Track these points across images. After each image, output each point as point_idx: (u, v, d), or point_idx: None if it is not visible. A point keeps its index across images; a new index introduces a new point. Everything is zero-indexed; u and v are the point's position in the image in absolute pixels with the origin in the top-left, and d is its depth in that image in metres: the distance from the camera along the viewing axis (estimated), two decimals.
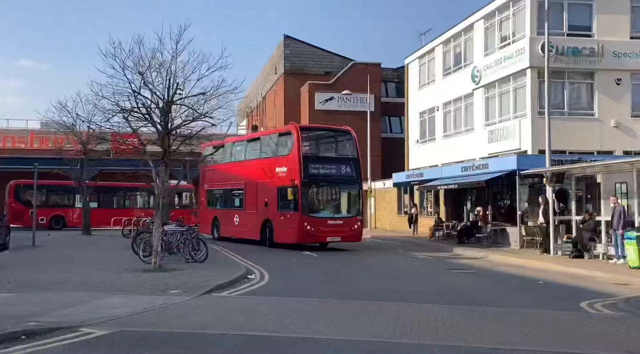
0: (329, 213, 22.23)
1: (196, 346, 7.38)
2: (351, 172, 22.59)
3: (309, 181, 21.42)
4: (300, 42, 48.39)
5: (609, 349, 7.50)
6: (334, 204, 23.08)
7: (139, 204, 37.57)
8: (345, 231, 21.87)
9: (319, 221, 21.43)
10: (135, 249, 16.83)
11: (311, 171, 21.52)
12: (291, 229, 21.46)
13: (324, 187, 22.84)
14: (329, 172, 22.34)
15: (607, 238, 17.98)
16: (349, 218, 22.35)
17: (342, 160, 23.17)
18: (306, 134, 23.72)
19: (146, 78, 15.19)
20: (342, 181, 22.63)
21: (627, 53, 25.26)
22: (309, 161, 21.74)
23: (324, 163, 22.57)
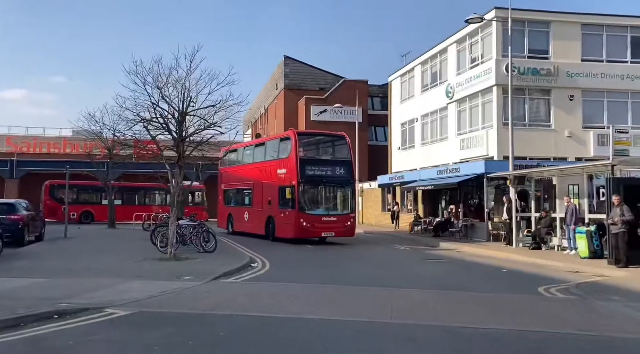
0: (323, 211, 21.42)
1: (206, 324, 7.36)
2: (345, 173, 21.78)
3: (305, 181, 20.73)
4: (298, 62, 48.33)
5: (563, 328, 7.50)
6: (328, 203, 22.10)
7: (157, 202, 37.35)
8: (339, 227, 21.24)
9: (314, 218, 20.80)
10: (154, 240, 16.73)
11: (307, 172, 20.84)
12: (289, 225, 20.89)
13: (319, 187, 21.77)
14: (324, 173, 21.40)
15: (561, 232, 17.99)
16: (342, 215, 21.60)
17: (336, 162, 22.24)
18: (303, 138, 23.19)
19: (163, 92, 15.12)
20: (337, 181, 21.75)
21: (578, 73, 25.33)
22: (305, 163, 21.05)
23: (319, 165, 21.70)
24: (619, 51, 26.08)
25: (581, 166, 18.36)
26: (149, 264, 13.42)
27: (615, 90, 25.66)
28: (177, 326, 7.21)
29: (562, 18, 25.73)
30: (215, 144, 17.95)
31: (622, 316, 8.42)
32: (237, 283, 11.40)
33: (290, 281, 11.52)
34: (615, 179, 14.53)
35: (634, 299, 9.75)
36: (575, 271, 13.74)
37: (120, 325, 7.29)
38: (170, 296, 9.29)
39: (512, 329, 7.37)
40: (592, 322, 7.99)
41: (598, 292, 10.48)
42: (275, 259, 15.76)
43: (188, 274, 11.55)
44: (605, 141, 23.97)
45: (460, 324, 7.60)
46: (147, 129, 15.23)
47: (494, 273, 13.99)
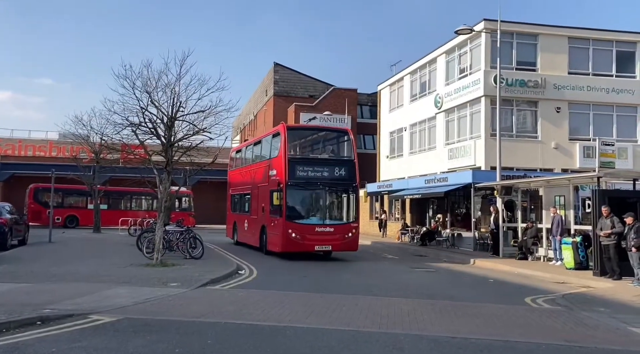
0: (317, 219, 18.13)
1: (193, 332, 7.27)
2: (346, 175, 18.40)
3: (295, 184, 17.54)
4: (288, 69, 48.42)
5: (550, 338, 7.51)
6: (325, 210, 18.68)
7: (143, 207, 37.11)
8: (337, 240, 17.86)
9: (306, 228, 17.56)
10: (140, 246, 16.60)
11: (298, 173, 17.70)
12: (277, 236, 17.81)
13: (312, 191, 18.29)
14: (319, 175, 18.07)
15: (547, 243, 18.14)
16: (342, 225, 18.22)
17: (336, 162, 18.97)
18: (295, 134, 20.21)
19: (153, 97, 15.03)
20: (335, 184, 18.37)
21: (565, 86, 25.64)
22: (295, 163, 17.95)
23: (314, 165, 18.34)
24: (605, 65, 26.46)
25: (567, 177, 18.53)
26: (135, 270, 13.26)
27: (600, 103, 26.01)
28: (164, 334, 7.10)
29: (549, 31, 26.06)
30: (205, 150, 17.83)
31: (608, 327, 8.46)
32: (225, 290, 11.30)
33: (277, 289, 11.43)
34: (601, 190, 14.69)
35: (620, 311, 9.82)
36: (561, 282, 13.83)
37: (105, 332, 7.17)
38: (157, 303, 9.17)
39: (500, 339, 7.36)
40: (579, 333, 8.01)
41: (584, 303, 10.53)
42: (262, 267, 15.65)
43: (175, 281, 11.43)
44: (591, 153, 24.25)
45: (448, 334, 7.59)
46: (135, 134, 15.09)
47: (481, 282, 14.03)
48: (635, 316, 9.36)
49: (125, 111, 15.58)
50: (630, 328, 8.41)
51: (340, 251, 18.40)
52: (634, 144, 25.85)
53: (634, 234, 12.77)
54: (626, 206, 13.90)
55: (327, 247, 17.97)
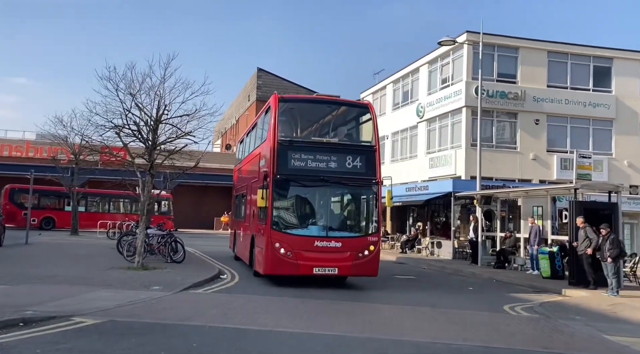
0: (318, 229, 12.52)
1: (178, 335, 7.29)
2: (362, 167, 12.95)
3: (286, 177, 12.38)
4: (271, 75, 48.56)
5: (529, 345, 7.73)
6: (328, 216, 13.09)
7: (123, 210, 36.70)
8: (347, 259, 12.32)
9: (300, 241, 12.23)
10: (120, 249, 16.48)
11: (292, 162, 12.58)
12: (261, 252, 12.82)
13: (311, 188, 12.77)
14: (324, 166, 12.73)
15: (525, 252, 18.50)
16: (353, 238, 12.71)
17: (349, 149, 13.32)
18: (291, 108, 14.10)
19: (136, 99, 14.96)
20: (347, 179, 12.88)
21: (544, 98, 26.23)
22: (287, 147, 12.65)
23: (316, 152, 12.84)
24: (582, 79, 27.17)
25: (545, 188, 18.96)
26: (116, 273, 13.15)
27: (578, 116, 26.68)
28: (148, 336, 7.12)
29: (530, 44, 26.66)
30: (187, 154, 17.76)
31: (584, 335, 8.71)
32: (207, 294, 11.29)
33: (260, 294, 11.47)
34: (577, 202, 15.06)
35: (594, 319, 10.12)
36: (539, 291, 14.13)
37: (89, 334, 7.15)
38: (140, 306, 9.16)
39: (480, 346, 7.54)
40: (557, 340, 8.23)
41: (560, 311, 10.80)
42: (244, 271, 15.64)
43: (157, 284, 11.40)
44: (568, 165, 24.82)
45: (429, 339, 7.75)
46: (119, 136, 15.01)
47: (461, 290, 14.21)
48: (609, 325, 9.65)
49: (108, 113, 15.50)
50: (604, 335, 8.68)
51: (349, 275, 13.06)
52: (609, 157, 26.55)
53: (609, 245, 13.14)
54: (601, 217, 14.30)
55: (332, 269, 12.36)
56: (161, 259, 16.18)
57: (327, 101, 14.11)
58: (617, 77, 27.37)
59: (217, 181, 41.17)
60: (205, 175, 36.26)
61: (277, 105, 13.02)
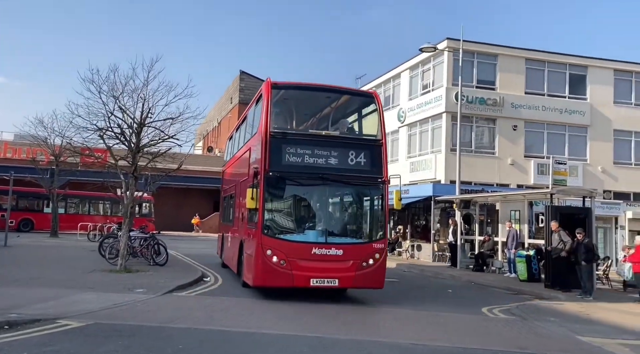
0: (316, 235, 10.96)
1: (164, 337, 7.36)
2: (367, 164, 11.59)
3: (279, 175, 10.85)
4: (253, 77, 48.58)
5: (507, 347, 7.97)
6: (328, 220, 11.64)
7: (103, 212, 36.35)
8: (349, 269, 10.84)
9: (295, 248, 10.71)
10: (102, 252, 16.40)
11: (285, 158, 11.08)
12: (250, 260, 11.30)
13: (308, 187, 11.35)
14: (323, 162, 11.27)
15: (502, 256, 18.87)
16: (357, 245, 11.23)
17: (351, 142, 11.97)
18: (286, 97, 12.70)
19: (119, 102, 14.92)
20: (348, 177, 11.40)
21: (522, 105, 26.76)
22: (281, 140, 11.12)
23: (314, 147, 11.36)
24: (559, 86, 27.80)
25: (523, 193, 19.38)
26: (99, 275, 13.11)
27: (554, 122, 27.27)
28: (134, 339, 7.18)
29: (508, 52, 27.19)
30: (170, 156, 17.72)
31: (559, 336, 9.00)
32: (191, 296, 11.33)
33: (244, 296, 11.53)
34: (553, 207, 15.46)
35: (568, 321, 10.44)
36: (516, 293, 14.46)
37: (75, 337, 7.18)
38: (125, 309, 9.19)
39: (460, 347, 7.76)
40: (533, 341, 8.50)
41: (536, 313, 11.10)
42: (227, 274, 15.68)
43: (141, 287, 11.41)
44: (545, 170, 25.38)
45: (411, 341, 7.95)
46: (102, 138, 14.95)
47: (440, 292, 14.46)
48: (582, 326, 9.97)
49: (91, 115, 15.43)
50: (578, 336, 8.98)
51: (350, 287, 11.42)
52: (584, 163, 27.19)
53: (584, 249, 13.53)
54: (576, 221, 14.72)
55: (332, 281, 10.79)
56: (144, 261, 16.14)
57: (327, 89, 12.73)
58: (591, 85, 28.06)
59: (199, 184, 41.06)
60: (187, 177, 36.10)
61: (269, 92, 11.39)
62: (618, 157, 28.13)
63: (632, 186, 27.85)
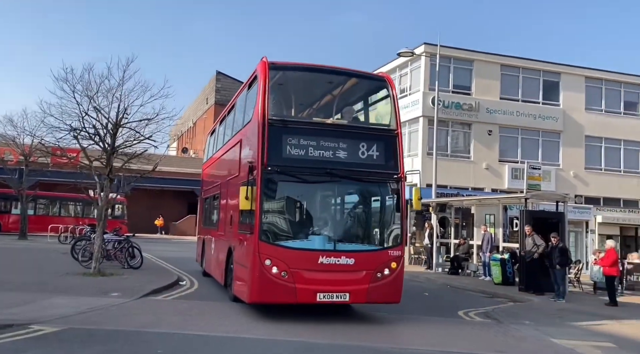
0: (323, 241, 9.40)
1: (140, 342, 7.28)
2: (380, 157, 10.01)
3: (279, 170, 9.27)
4: (230, 78, 48.32)
5: (483, 350, 8.12)
6: (336, 223, 9.99)
7: (75, 214, 35.66)
8: (361, 281, 9.32)
9: (300, 257, 9.15)
10: (75, 255, 16.08)
11: (286, 150, 9.49)
12: (245, 271, 9.58)
13: (313, 185, 9.82)
14: (330, 155, 9.66)
15: (477, 259, 19.15)
16: (370, 252, 9.66)
17: (363, 133, 10.32)
18: (285, 80, 11.01)
19: (93, 102, 14.68)
20: (359, 174, 9.82)
21: (497, 110, 27.24)
22: (281, 130, 9.54)
23: (319, 137, 9.72)
24: (533, 92, 28.40)
25: (497, 197, 19.72)
26: (72, 279, 12.85)
27: (528, 128, 27.83)
28: (111, 344, 7.08)
29: (484, 58, 27.66)
30: (145, 158, 17.48)
31: (533, 339, 9.17)
32: (168, 300, 11.20)
33: (221, 300, 11.43)
34: (527, 211, 15.76)
35: (542, 324, 10.64)
36: (491, 296, 14.68)
37: (50, 342, 7.06)
38: (100, 313, 9.05)
39: (437, 350, 7.86)
40: (508, 344, 8.65)
41: (511, 316, 11.29)
42: (204, 278, 15.53)
43: (115, 291, 11.24)
44: (519, 175, 25.86)
45: (389, 344, 8.02)
46: (76, 139, 14.69)
47: (417, 296, 14.54)
48: (556, 329, 10.18)
49: (64, 115, 15.15)
50: (552, 339, 9.16)
51: (363, 302, 9.91)
52: (557, 168, 27.81)
53: (558, 253, 13.84)
54: (550, 225, 15.03)
55: (342, 295, 9.29)
56: (118, 265, 15.89)
57: (333, 71, 10.97)
58: (564, 91, 28.73)
59: (173, 185, 40.62)
60: (161, 179, 35.67)
61: (266, 73, 9.80)
62: (589, 163, 28.86)
63: (602, 191, 28.59)
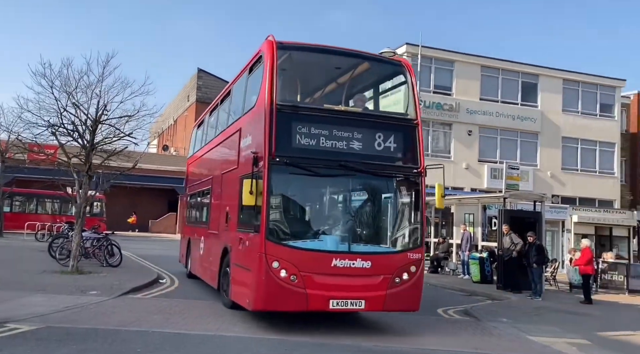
0: (336, 241, 8.50)
1: (119, 341, 7.21)
2: (398, 149, 9.23)
3: (288, 161, 8.28)
4: (211, 76, 48.03)
5: (463, 347, 8.23)
6: (350, 222, 9.06)
7: (52, 211, 35.08)
8: (378, 287, 8.44)
9: (311, 259, 8.21)
10: (52, 252, 15.86)
11: (296, 139, 8.53)
12: (248, 275, 8.59)
13: (326, 179, 8.96)
14: (344, 146, 8.75)
15: (457, 258, 19.36)
16: (388, 255, 8.83)
17: (380, 121, 9.43)
18: (292, 59, 9.62)
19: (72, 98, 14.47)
20: (377, 167, 8.97)
21: (477, 111, 27.55)
22: (290, 117, 8.59)
23: (332, 126, 8.74)
24: (512, 93, 28.78)
25: (477, 196, 19.95)
26: (49, 277, 12.66)
27: (507, 128, 28.20)
28: (90, 343, 7.00)
29: (465, 59, 27.95)
30: (125, 155, 17.29)
31: (511, 336, 9.33)
32: (147, 299, 11.10)
33: (201, 298, 11.39)
34: (506, 210, 15.99)
35: (519, 321, 10.83)
36: (469, 295, 14.87)
37: (27, 341, 6.94)
38: (78, 311, 8.93)
39: (417, 348, 7.96)
40: (487, 342, 8.78)
41: (489, 314, 11.46)
42: (184, 276, 15.41)
43: (94, 289, 11.11)
44: (497, 175, 26.20)
45: (370, 342, 8.07)
46: (54, 135, 14.47)
47: None
48: (532, 326, 10.36)
49: (42, 110, 14.92)
50: (528, 336, 9.33)
51: (378, 311, 9.05)
52: (534, 168, 28.23)
53: (535, 252, 14.06)
54: (527, 225, 15.27)
55: (357, 303, 8.39)
56: (96, 263, 15.69)
57: (345, 53, 9.82)
58: (542, 93, 29.18)
59: (154, 183, 40.25)
60: (141, 176, 35.30)
61: (273, 53, 8.71)
62: (566, 163, 29.37)
63: (577, 191, 29.12)
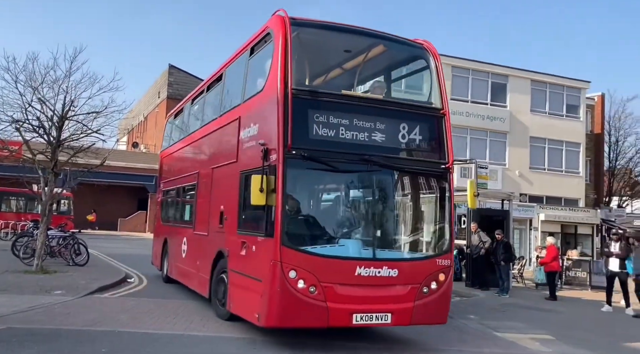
0: (359, 247, 7.32)
1: (86, 341, 7.07)
2: (424, 142, 8.14)
3: (306, 154, 6.97)
4: (183, 72, 47.44)
5: (428, 343, 8.35)
6: (374, 225, 7.84)
7: (17, 209, 34.12)
8: (405, 297, 7.35)
9: (332, 268, 6.99)
10: (16, 251, 15.44)
11: (313, 129, 7.23)
12: (258, 286, 7.21)
13: (348, 175, 7.74)
14: (365, 137, 7.51)
15: None
16: (415, 262, 7.76)
17: (405, 111, 8.04)
18: (306, 37, 8.12)
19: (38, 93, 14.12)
20: (402, 162, 7.94)
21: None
22: (308, 103, 7.29)
23: (353, 113, 7.51)
24: (481, 94, 29.22)
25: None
26: (12, 277, 12.31)
27: (477, 128, 28.62)
28: (54, 343, 6.85)
29: None
30: (93, 152, 16.94)
31: (478, 333, 9.51)
32: (114, 298, 10.91)
33: (170, 298, 11.24)
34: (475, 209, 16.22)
35: (487, 318, 11.05)
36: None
37: None
38: (41, 312, 8.71)
39: (381, 346, 8.04)
40: (453, 338, 8.93)
41: (458, 311, 11.62)
42: (153, 275, 15.21)
43: (59, 289, 10.86)
44: (467, 174, 26.54)
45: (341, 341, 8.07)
46: (19, 131, 14.09)
47: None
48: (499, 322, 10.58)
49: (5, 106, 14.52)
50: (495, 333, 9.54)
51: (405, 325, 7.74)
52: (503, 167, 28.72)
53: (503, 250, 14.33)
54: (495, 223, 15.56)
55: (384, 317, 7.30)
56: (62, 262, 15.35)
57: (364, 33, 8.48)
58: (511, 93, 29.70)
59: (123, 181, 39.60)
60: (110, 174, 34.65)
61: (286, 30, 7.45)
62: (533, 163, 29.96)
63: (545, 190, 29.75)
